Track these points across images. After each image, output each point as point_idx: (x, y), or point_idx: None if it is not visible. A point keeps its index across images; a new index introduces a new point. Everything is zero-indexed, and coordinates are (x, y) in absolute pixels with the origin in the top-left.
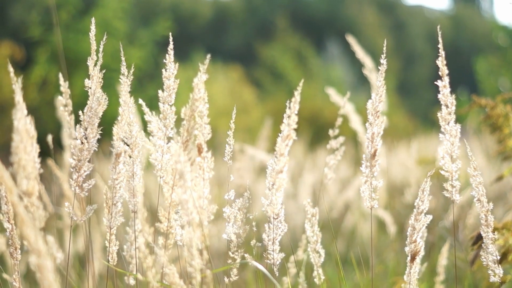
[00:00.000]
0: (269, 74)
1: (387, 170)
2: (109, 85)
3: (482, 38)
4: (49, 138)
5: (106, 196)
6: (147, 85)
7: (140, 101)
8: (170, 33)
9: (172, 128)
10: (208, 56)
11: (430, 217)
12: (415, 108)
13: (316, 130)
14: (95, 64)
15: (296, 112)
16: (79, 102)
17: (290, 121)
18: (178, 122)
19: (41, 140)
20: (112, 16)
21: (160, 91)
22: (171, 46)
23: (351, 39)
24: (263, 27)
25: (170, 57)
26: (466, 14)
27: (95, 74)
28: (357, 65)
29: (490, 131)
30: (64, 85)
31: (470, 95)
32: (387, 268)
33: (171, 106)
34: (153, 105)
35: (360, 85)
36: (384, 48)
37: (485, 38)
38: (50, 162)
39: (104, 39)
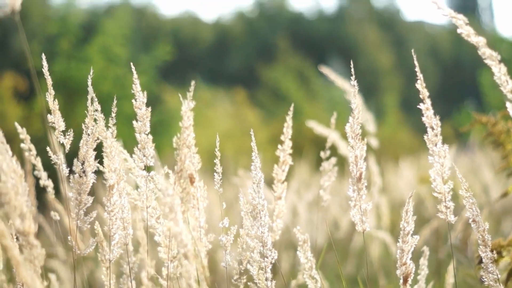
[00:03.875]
0: (272, 95)
1: (393, 187)
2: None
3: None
4: (44, 176)
5: (97, 232)
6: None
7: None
8: (169, 57)
9: (152, 157)
10: (193, 83)
11: (417, 237)
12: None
13: (321, 150)
14: (92, 102)
15: (290, 137)
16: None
17: (285, 147)
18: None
19: (47, 171)
20: (113, 43)
21: (134, 122)
22: (135, 75)
23: (325, 69)
24: (264, 49)
25: (136, 86)
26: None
27: (91, 110)
28: (360, 83)
29: (493, 147)
30: (22, 132)
31: (475, 108)
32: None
33: (147, 135)
34: (157, 131)
35: (364, 104)
36: (352, 69)
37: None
38: (50, 197)
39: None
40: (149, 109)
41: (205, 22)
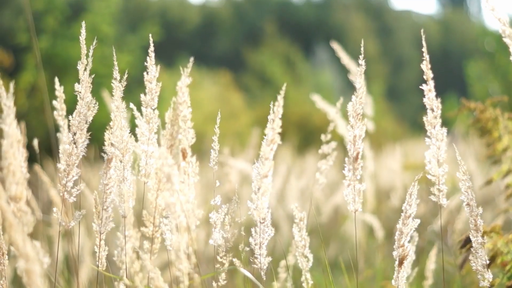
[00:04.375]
0: (257, 79)
1: (376, 174)
2: (98, 91)
3: (471, 42)
4: (35, 142)
5: (95, 201)
6: (135, 91)
7: (131, 105)
8: (156, 37)
9: (156, 133)
10: (191, 59)
11: (418, 221)
12: (404, 113)
13: (304, 135)
14: (85, 69)
15: (280, 116)
16: (68, 108)
17: (274, 125)
18: (164, 127)
19: (29, 147)
20: (100, 21)
21: (142, 95)
22: (151, 48)
23: (336, 46)
24: (251, 33)
25: (151, 59)
26: (454, 18)
27: (85, 79)
28: (346, 70)
29: (479, 134)
30: (59, 89)
31: (459, 99)
32: (375, 272)
33: (154, 110)
34: (142, 110)
35: (349, 90)
36: (362, 49)
37: (474, 43)
38: (37, 167)
39: (94, 44)
40: (160, 84)
41: (192, 4)
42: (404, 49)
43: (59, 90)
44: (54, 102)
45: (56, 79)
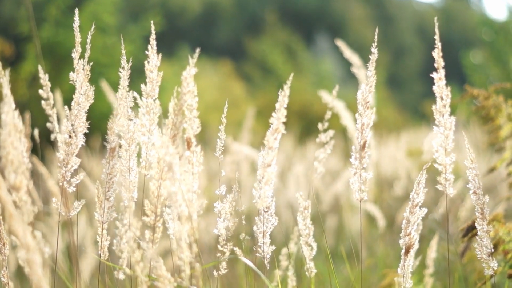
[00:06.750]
0: (259, 68)
1: (377, 163)
2: (99, 80)
3: (472, 31)
4: (36, 132)
5: (98, 191)
6: (136, 81)
7: (135, 93)
8: (157, 27)
9: (156, 124)
10: (198, 50)
11: (425, 210)
12: (405, 102)
13: (306, 124)
14: (80, 57)
15: (285, 106)
16: (69, 97)
17: (279, 115)
18: (165, 117)
19: (31, 136)
20: (102, 11)
21: (142, 85)
22: (153, 36)
23: (339, 42)
24: (252, 22)
25: (153, 48)
26: (455, 7)
27: (79, 68)
28: (347, 59)
29: (482, 122)
30: (44, 78)
31: (459, 88)
32: (377, 260)
33: (154, 100)
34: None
35: (350, 79)
36: (375, 37)
37: (474, 31)
38: (35, 158)
39: (92, 29)
40: (161, 73)
41: None
42: (405, 38)
43: (43, 78)
44: (40, 91)
45: (40, 68)
